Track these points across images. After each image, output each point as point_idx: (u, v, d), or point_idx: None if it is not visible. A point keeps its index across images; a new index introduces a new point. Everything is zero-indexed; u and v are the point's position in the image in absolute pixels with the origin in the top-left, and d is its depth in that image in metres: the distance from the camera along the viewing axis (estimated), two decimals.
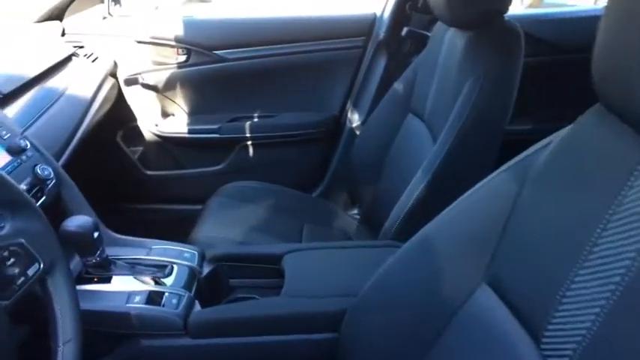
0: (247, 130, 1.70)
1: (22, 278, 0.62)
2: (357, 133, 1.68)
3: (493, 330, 0.58)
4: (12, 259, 0.61)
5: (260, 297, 1.06)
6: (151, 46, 1.64)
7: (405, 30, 1.58)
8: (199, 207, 1.48)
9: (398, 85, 1.37)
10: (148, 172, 1.77)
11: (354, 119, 1.71)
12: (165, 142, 1.72)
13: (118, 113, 1.64)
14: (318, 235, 1.38)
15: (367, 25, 1.68)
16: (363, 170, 1.44)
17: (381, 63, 1.64)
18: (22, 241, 0.63)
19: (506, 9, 1.06)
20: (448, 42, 1.18)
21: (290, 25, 1.69)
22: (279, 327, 0.90)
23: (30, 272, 0.64)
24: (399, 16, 1.58)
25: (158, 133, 1.71)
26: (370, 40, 1.67)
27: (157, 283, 0.96)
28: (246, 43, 1.64)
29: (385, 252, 1.04)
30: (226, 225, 1.31)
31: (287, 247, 1.09)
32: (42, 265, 0.65)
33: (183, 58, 1.65)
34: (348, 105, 1.74)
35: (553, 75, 1.58)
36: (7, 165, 0.90)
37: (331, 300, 0.90)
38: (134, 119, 1.71)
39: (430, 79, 1.22)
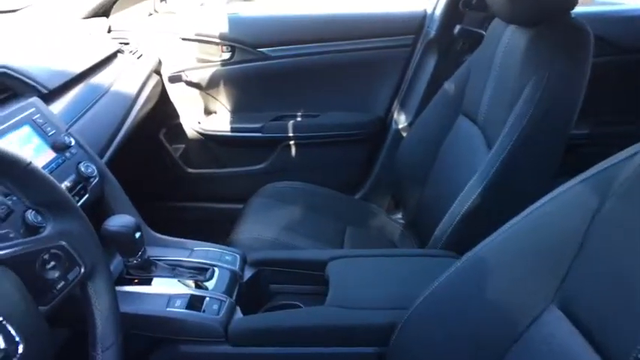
0: (290, 130, 1.66)
1: (62, 282, 0.60)
2: (404, 134, 1.62)
3: (563, 359, 0.52)
4: (52, 263, 0.59)
5: (302, 304, 1.02)
6: (195, 43, 1.63)
7: (457, 28, 1.51)
8: (240, 206, 1.46)
9: (449, 86, 1.30)
10: (190, 170, 1.76)
11: (401, 120, 1.65)
12: (208, 140, 1.71)
13: (162, 111, 1.64)
14: (360, 239, 1.33)
15: (417, 22, 1.61)
16: (408, 173, 1.37)
17: (431, 62, 1.57)
18: (64, 243, 0.61)
19: (574, 4, 0.98)
20: (506, 40, 1.10)
21: (336, 23, 1.64)
22: (324, 339, 0.86)
23: (70, 276, 0.61)
24: (452, 13, 1.51)
25: (200, 131, 1.70)
26: (420, 38, 1.61)
27: (197, 286, 0.93)
28: (290, 41, 1.61)
29: (437, 263, 0.99)
30: (267, 226, 1.28)
31: (331, 253, 1.04)
32: (83, 269, 0.63)
33: (227, 55, 1.63)
34: (395, 105, 1.68)
35: (614, 76, 1.48)
36: (51, 162, 0.89)
37: (379, 312, 0.85)
38: (177, 117, 1.71)
39: (485, 79, 1.15)
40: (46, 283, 0.59)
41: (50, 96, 1.02)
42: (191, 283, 0.94)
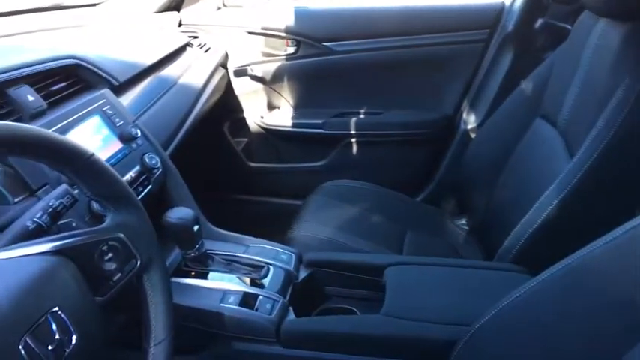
0: (352, 127, 1.62)
1: (119, 274, 0.60)
2: (473, 136, 1.53)
3: None
4: (110, 254, 0.59)
5: (356, 309, 0.99)
6: (261, 37, 1.63)
7: (539, 22, 1.40)
8: (299, 202, 1.44)
9: (526, 85, 1.21)
10: (251, 164, 1.77)
11: (470, 120, 1.56)
12: (269, 134, 1.71)
13: (226, 104, 1.66)
14: (421, 245, 1.27)
15: (493, 16, 1.51)
16: (476, 178, 1.29)
17: (507, 59, 1.47)
18: (122, 235, 0.61)
19: None
20: (597, 36, 1.00)
21: (405, 17, 1.57)
22: (378, 349, 0.82)
23: (127, 268, 0.61)
24: (534, 5, 1.40)
25: (263, 125, 1.70)
26: (496, 33, 1.51)
27: (252, 283, 0.92)
28: (357, 35, 1.57)
29: (505, 277, 0.92)
30: (325, 225, 1.25)
31: (390, 258, 1.00)
32: (139, 262, 0.63)
33: (292, 49, 1.61)
34: (464, 104, 1.59)
35: None
36: (118, 152, 0.91)
37: (438, 327, 0.80)
38: (241, 110, 1.72)
39: (569, 79, 1.05)
40: (104, 274, 0.59)
41: (120, 88, 1.04)
42: (246, 279, 0.93)
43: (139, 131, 0.96)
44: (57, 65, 0.91)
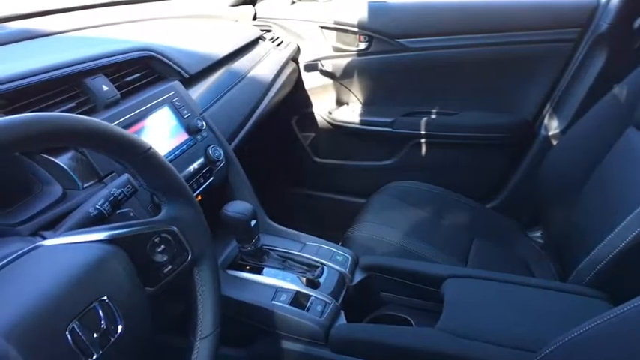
0: (423, 127, 1.56)
1: (170, 266, 0.61)
2: (554, 143, 1.42)
3: None
4: (162, 246, 0.60)
5: (411, 319, 0.95)
6: (333, 32, 1.61)
7: (638, 21, 1.25)
8: (362, 200, 1.41)
9: (619, 90, 1.09)
10: (317, 160, 1.76)
11: (552, 126, 1.45)
12: (337, 130, 1.69)
13: (295, 98, 1.65)
14: (488, 256, 1.19)
15: (586, 14, 1.38)
16: (556, 188, 1.19)
17: (599, 61, 1.34)
18: (175, 229, 0.62)
19: None
20: None
21: (486, 13, 1.48)
22: None
23: (178, 261, 0.62)
24: (633, 4, 1.26)
25: (331, 121, 1.68)
26: (587, 32, 1.38)
27: (306, 282, 0.91)
28: (432, 33, 1.50)
29: (581, 303, 0.83)
30: (386, 227, 1.21)
31: (452, 269, 0.94)
32: (190, 256, 0.64)
33: (364, 45, 1.57)
34: (547, 109, 1.47)
35: None
36: (183, 144, 0.93)
37: (499, 350, 0.74)
38: (309, 105, 1.71)
39: None
40: (155, 265, 0.60)
41: (190, 80, 1.07)
42: (299, 278, 0.92)
43: (204, 123, 0.98)
44: (132, 57, 0.95)
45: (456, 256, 1.16)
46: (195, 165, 0.93)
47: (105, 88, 0.85)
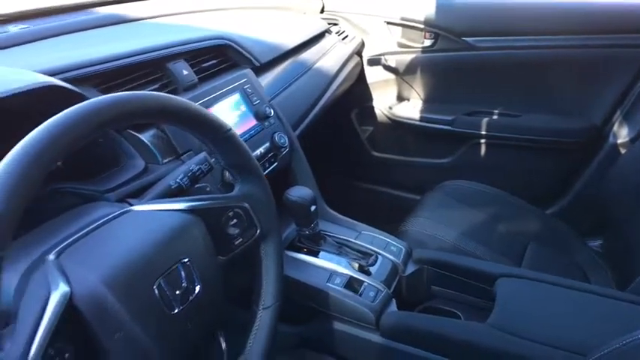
0: (484, 127, 1.54)
1: (240, 239, 0.66)
2: (623, 151, 1.37)
3: None
4: (235, 220, 0.65)
5: (461, 314, 0.96)
6: (399, 27, 1.62)
7: None
8: (417, 197, 1.42)
9: None
10: (374, 153, 1.78)
11: (622, 134, 1.40)
12: (396, 126, 1.70)
13: (357, 91, 1.68)
14: (544, 261, 1.18)
15: None
16: (621, 197, 1.16)
17: None
18: (247, 205, 0.66)
19: None
20: None
21: (559, 14, 1.44)
22: (480, 358, 0.78)
23: (248, 235, 0.67)
24: None
25: (390, 116, 1.70)
26: None
27: (359, 269, 0.94)
28: (500, 32, 1.47)
29: (636, 311, 0.82)
30: (441, 224, 1.22)
31: (506, 269, 0.95)
32: (259, 231, 0.68)
33: (429, 42, 1.58)
34: (617, 115, 1.42)
35: None
36: (251, 129, 0.98)
37: (549, 350, 0.75)
38: (370, 99, 1.73)
39: None
40: (228, 237, 0.65)
41: (261, 68, 1.12)
42: (354, 264, 0.95)
43: (272, 111, 1.03)
44: (210, 44, 1.01)
45: (509, 258, 1.15)
46: (262, 149, 0.98)
47: (185, 72, 0.92)
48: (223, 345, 0.76)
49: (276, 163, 1.01)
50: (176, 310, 0.53)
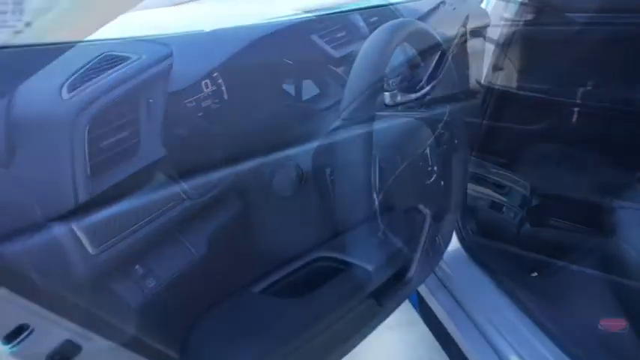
0: (578, 96, 1.65)
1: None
2: None
3: None
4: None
5: None
6: (501, 1, 1.73)
7: None
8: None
9: None
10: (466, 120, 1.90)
11: None
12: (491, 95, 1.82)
13: (456, 62, 1.80)
14: None
15: None
16: None
17: None
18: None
19: None
20: None
21: None
22: None
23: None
24: None
25: (488, 86, 1.81)
26: None
27: None
28: (606, 9, 1.56)
29: None
30: None
31: None
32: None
33: (531, 16, 1.68)
34: None
35: None
36: None
37: None
38: (467, 68, 1.85)
39: None
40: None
41: None
42: None
43: None
44: None
45: None
46: None
47: None
48: None
49: None
50: None
